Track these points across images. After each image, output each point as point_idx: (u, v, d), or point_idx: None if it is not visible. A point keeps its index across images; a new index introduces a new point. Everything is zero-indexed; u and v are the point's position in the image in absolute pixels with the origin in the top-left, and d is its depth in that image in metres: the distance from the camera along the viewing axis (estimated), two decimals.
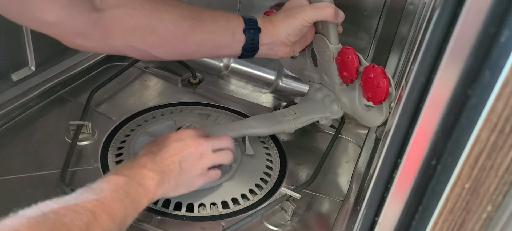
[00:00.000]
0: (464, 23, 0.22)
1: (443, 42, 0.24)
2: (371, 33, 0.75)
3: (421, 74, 0.26)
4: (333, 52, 0.64)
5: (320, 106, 0.72)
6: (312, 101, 0.73)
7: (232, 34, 0.57)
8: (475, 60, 0.22)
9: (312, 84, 0.74)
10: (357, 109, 0.65)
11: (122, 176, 0.47)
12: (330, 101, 0.71)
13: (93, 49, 0.53)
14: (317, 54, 0.68)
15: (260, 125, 0.68)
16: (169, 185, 0.52)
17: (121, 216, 0.44)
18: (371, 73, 0.58)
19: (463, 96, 0.23)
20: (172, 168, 0.52)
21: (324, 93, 0.72)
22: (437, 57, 0.24)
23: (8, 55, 0.66)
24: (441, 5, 0.23)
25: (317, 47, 0.67)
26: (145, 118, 0.73)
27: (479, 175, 0.23)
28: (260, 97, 0.83)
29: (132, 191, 0.47)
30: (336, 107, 0.70)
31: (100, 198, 0.43)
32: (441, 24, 0.24)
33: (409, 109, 0.27)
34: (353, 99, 0.65)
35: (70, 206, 0.40)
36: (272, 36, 0.59)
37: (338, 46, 0.64)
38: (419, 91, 0.26)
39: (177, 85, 0.84)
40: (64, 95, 0.75)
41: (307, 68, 0.73)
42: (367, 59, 0.77)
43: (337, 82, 0.67)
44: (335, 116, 0.70)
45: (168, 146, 0.53)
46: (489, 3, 0.20)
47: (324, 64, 0.68)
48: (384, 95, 0.57)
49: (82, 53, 0.80)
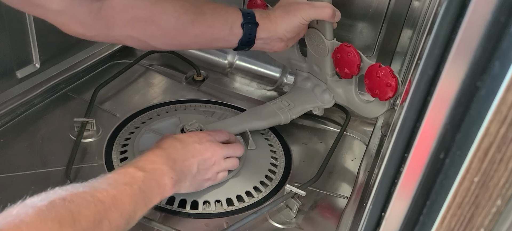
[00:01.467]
0: (473, 14, 0.21)
1: (451, 34, 0.24)
2: (376, 31, 0.74)
3: (429, 67, 0.25)
4: (329, 47, 0.67)
5: (312, 96, 0.75)
6: (302, 90, 0.76)
7: (230, 28, 0.58)
8: (484, 51, 0.21)
9: (300, 73, 0.77)
10: (354, 101, 0.70)
11: (141, 171, 0.47)
12: (321, 91, 0.74)
13: (94, 38, 0.52)
14: (309, 47, 0.71)
15: (258, 118, 0.69)
16: (183, 185, 0.52)
17: (130, 211, 0.43)
18: (379, 73, 0.61)
19: (472, 88, 0.22)
20: (190, 169, 0.52)
21: (314, 82, 0.75)
22: (445, 49, 0.24)
23: (13, 52, 0.66)
24: None
25: (309, 40, 0.70)
26: (150, 115, 0.73)
27: (488, 168, 0.22)
28: (265, 95, 0.83)
29: (147, 188, 0.46)
30: (328, 97, 0.73)
31: (112, 189, 0.42)
32: (449, 15, 0.23)
33: (416, 102, 0.26)
34: (349, 91, 0.69)
35: (79, 193, 0.39)
36: (269, 31, 0.60)
37: (333, 41, 0.67)
38: (426, 84, 0.25)
39: (181, 82, 0.84)
40: (68, 92, 0.75)
41: (294, 58, 0.76)
42: (373, 56, 0.77)
43: (329, 74, 0.71)
44: (327, 105, 0.74)
45: (190, 145, 0.53)
46: None
47: (315, 57, 0.71)
48: (393, 94, 0.60)
49: (86, 51, 0.80)
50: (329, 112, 0.79)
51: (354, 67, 0.64)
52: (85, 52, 0.80)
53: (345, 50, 0.64)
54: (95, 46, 0.82)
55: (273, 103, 0.73)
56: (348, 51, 0.64)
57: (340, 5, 0.74)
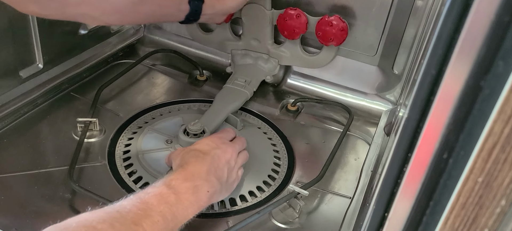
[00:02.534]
0: (477, 13, 0.21)
1: (455, 33, 0.24)
2: (379, 29, 0.74)
3: (432, 66, 0.25)
4: (271, 17, 0.77)
5: (257, 68, 0.82)
6: (247, 66, 0.83)
7: (178, 4, 0.61)
8: (488, 50, 0.21)
9: (236, 53, 0.84)
10: (302, 57, 0.80)
11: (173, 194, 0.45)
12: (264, 61, 0.82)
13: (48, 16, 0.52)
14: (246, 23, 0.79)
15: (231, 101, 0.74)
16: (219, 194, 0.52)
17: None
18: (331, 22, 0.73)
19: (475, 88, 0.22)
20: (223, 176, 0.52)
21: (253, 56, 0.83)
22: (448, 49, 0.24)
23: (16, 52, 0.66)
24: None
25: (247, 16, 0.78)
26: (152, 115, 0.73)
27: (492, 169, 0.22)
28: (267, 94, 0.82)
29: (181, 209, 0.45)
30: (273, 64, 0.82)
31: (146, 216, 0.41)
32: (452, 14, 0.23)
33: (419, 102, 0.26)
34: (295, 50, 0.80)
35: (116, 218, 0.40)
36: (214, 8, 0.65)
37: (272, 11, 0.77)
38: (429, 84, 0.25)
39: (184, 82, 0.84)
40: (71, 92, 0.76)
41: (229, 38, 0.84)
42: (376, 55, 0.77)
43: (270, 43, 0.80)
44: (275, 72, 0.83)
45: (212, 152, 0.53)
46: None
47: (253, 31, 0.80)
48: (345, 35, 0.73)
49: (89, 51, 0.80)
50: (332, 112, 0.79)
51: (304, 26, 0.74)
52: (88, 52, 0.80)
53: (292, 14, 0.74)
54: (98, 46, 0.82)
55: (232, 84, 0.78)
56: (297, 13, 0.74)
57: (343, 4, 0.74)
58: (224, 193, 0.54)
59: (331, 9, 0.76)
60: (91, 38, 0.80)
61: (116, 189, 0.58)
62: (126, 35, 0.88)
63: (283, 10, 0.75)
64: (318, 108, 0.80)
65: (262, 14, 0.77)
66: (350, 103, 0.79)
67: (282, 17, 0.76)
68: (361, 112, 0.78)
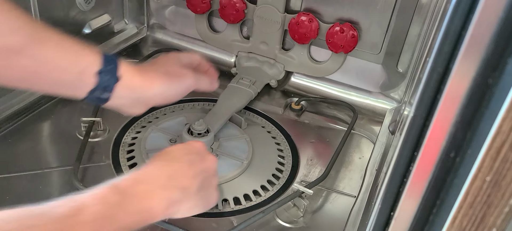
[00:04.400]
0: (484, 10, 0.21)
1: (462, 30, 0.23)
2: (383, 28, 0.74)
3: (439, 64, 0.25)
4: (283, 21, 0.77)
5: (262, 71, 0.82)
6: (252, 68, 0.83)
7: (79, 70, 0.43)
8: (496, 48, 0.21)
9: (241, 55, 0.84)
10: (309, 65, 0.80)
11: (118, 194, 0.38)
12: (269, 66, 0.82)
13: None
14: (257, 24, 0.79)
15: (236, 101, 0.74)
16: (185, 205, 0.44)
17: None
18: (340, 30, 0.73)
19: (483, 85, 0.22)
20: (191, 186, 0.44)
21: (259, 60, 0.83)
22: (455, 46, 0.23)
23: None
24: None
25: (259, 17, 0.78)
26: (156, 114, 0.73)
27: (501, 167, 0.22)
28: (271, 93, 0.82)
29: (122, 214, 0.38)
30: (278, 69, 0.82)
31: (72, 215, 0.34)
32: (459, 11, 0.23)
33: (425, 100, 0.26)
34: (303, 56, 0.80)
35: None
36: (134, 90, 0.48)
37: (285, 14, 0.77)
38: (436, 81, 0.25)
39: None
40: None
41: (237, 40, 0.84)
42: (380, 54, 0.76)
43: (278, 48, 0.80)
44: (280, 77, 0.82)
45: (183, 158, 0.45)
46: None
47: (263, 34, 0.80)
48: (355, 44, 0.74)
49: None
50: (336, 110, 0.79)
51: (315, 32, 0.75)
52: None
53: (305, 19, 0.75)
54: (102, 46, 0.82)
55: (236, 83, 0.78)
56: (309, 18, 0.75)
57: (347, 4, 0.74)
58: (194, 206, 0.45)
59: (336, 8, 0.75)
60: (95, 38, 0.80)
61: None
62: (129, 34, 0.88)
63: (296, 15, 0.76)
64: (322, 107, 0.79)
65: (275, 16, 0.77)
66: (354, 101, 0.79)
67: (294, 21, 0.76)
68: (365, 110, 0.78)
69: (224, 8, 0.81)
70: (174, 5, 0.88)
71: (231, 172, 0.61)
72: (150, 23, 0.91)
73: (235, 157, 0.64)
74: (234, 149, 0.66)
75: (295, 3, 0.78)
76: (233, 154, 0.65)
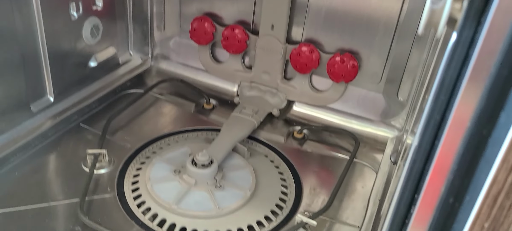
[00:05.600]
0: (477, 64, 0.22)
1: (456, 81, 0.24)
2: (383, 57, 0.75)
3: (436, 112, 0.26)
4: (284, 51, 0.79)
5: (265, 101, 0.84)
6: (254, 98, 0.85)
7: None
8: (489, 100, 0.22)
9: (243, 85, 0.86)
10: (310, 94, 0.82)
11: None
12: (271, 95, 0.84)
13: None
14: (259, 54, 0.81)
15: (238, 130, 0.75)
16: None
17: None
18: (341, 60, 0.75)
19: (478, 136, 0.23)
20: None
21: (261, 89, 0.84)
22: (450, 96, 0.24)
23: (28, 86, 0.67)
24: (450, 55, 0.23)
25: (261, 48, 0.80)
26: (160, 145, 0.74)
27: (498, 214, 0.23)
28: (273, 122, 0.83)
29: None
30: (280, 98, 0.83)
31: None
32: (453, 62, 0.24)
33: (424, 146, 0.27)
34: (304, 86, 0.81)
35: None
36: None
37: (287, 45, 0.79)
38: (433, 128, 0.26)
39: (191, 111, 0.85)
40: (81, 123, 0.77)
41: (240, 70, 0.85)
42: (381, 83, 0.77)
43: (279, 78, 0.82)
44: (282, 106, 0.83)
45: None
46: (501, 47, 0.21)
47: (265, 64, 0.82)
48: (355, 73, 0.75)
49: (98, 82, 0.82)
50: (338, 139, 0.80)
51: (316, 62, 0.77)
52: (97, 83, 0.81)
53: (306, 49, 0.77)
54: (107, 77, 0.84)
55: (239, 112, 0.80)
56: (310, 49, 0.77)
57: (347, 34, 0.75)
58: None
59: (336, 38, 0.77)
60: (101, 70, 0.81)
61: (126, 220, 0.59)
62: (134, 65, 0.90)
63: (297, 45, 0.78)
64: (325, 136, 0.80)
65: (276, 47, 0.79)
66: (356, 130, 0.80)
67: (295, 51, 0.78)
68: (367, 139, 0.79)
69: (227, 40, 0.83)
70: (178, 36, 0.90)
71: (235, 203, 0.62)
72: (154, 53, 0.93)
73: (239, 188, 0.65)
74: (237, 180, 0.66)
75: (296, 34, 0.80)
76: (237, 184, 0.65)
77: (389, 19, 0.72)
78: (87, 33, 0.75)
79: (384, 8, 0.72)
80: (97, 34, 0.77)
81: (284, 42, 0.79)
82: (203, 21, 0.84)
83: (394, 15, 0.72)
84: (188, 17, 0.86)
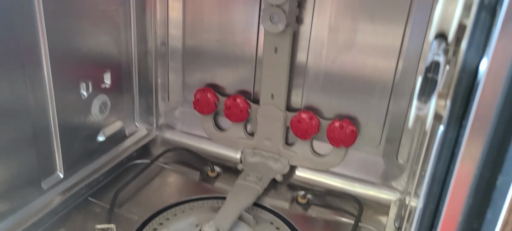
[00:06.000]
0: (460, 171, 0.24)
1: (446, 175, 0.27)
2: (381, 122, 0.78)
3: (430, 202, 0.28)
4: (285, 119, 0.82)
5: (268, 167, 0.86)
6: (257, 164, 0.87)
7: None
8: (475, 200, 0.24)
9: (246, 151, 0.88)
10: (311, 159, 0.84)
11: None
12: (274, 161, 0.86)
13: None
14: (261, 123, 0.85)
15: (244, 198, 0.76)
16: None
17: None
18: (340, 126, 0.78)
19: (470, 230, 0.25)
20: None
21: (264, 155, 0.87)
22: (442, 189, 0.27)
23: (39, 163, 0.70)
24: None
25: (263, 117, 0.84)
26: (167, 215, 0.75)
27: None
28: (277, 188, 0.85)
29: None
30: (283, 164, 0.86)
31: None
32: (441, 161, 0.26)
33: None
34: (306, 151, 0.84)
35: None
36: None
37: (287, 113, 0.82)
38: (429, 219, 0.28)
39: (196, 179, 0.87)
40: (89, 197, 0.78)
41: (242, 137, 0.88)
42: (380, 146, 0.80)
43: (281, 144, 0.85)
44: (285, 171, 0.86)
45: None
46: (482, 150, 0.23)
47: (267, 131, 0.85)
48: (355, 138, 0.78)
49: (106, 155, 0.84)
50: (342, 203, 0.81)
51: (316, 128, 0.80)
52: (104, 156, 0.84)
53: (306, 116, 0.80)
54: (114, 150, 0.86)
55: (243, 180, 0.81)
56: (310, 116, 0.80)
57: (345, 100, 0.79)
58: None
59: (334, 104, 0.80)
60: (108, 143, 0.84)
61: None
62: (140, 136, 0.92)
63: (297, 113, 0.81)
64: (328, 200, 0.82)
65: (277, 115, 0.83)
66: (359, 193, 0.81)
67: (295, 119, 0.81)
68: (370, 202, 0.80)
69: (229, 109, 0.86)
70: (181, 106, 0.94)
71: None
72: (159, 123, 0.96)
73: None
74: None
75: (296, 101, 0.83)
76: None
77: (385, 80, 0.75)
78: (96, 110, 0.78)
79: (379, 69, 0.76)
80: (105, 110, 0.81)
81: (284, 110, 0.82)
82: (206, 92, 0.87)
83: (389, 76, 0.75)
84: (191, 88, 0.90)
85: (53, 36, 0.65)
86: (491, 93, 0.22)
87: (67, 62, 0.71)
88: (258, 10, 0.79)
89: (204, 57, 0.88)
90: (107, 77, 0.79)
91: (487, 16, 0.23)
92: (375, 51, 0.74)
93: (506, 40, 0.21)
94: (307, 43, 0.78)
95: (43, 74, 0.66)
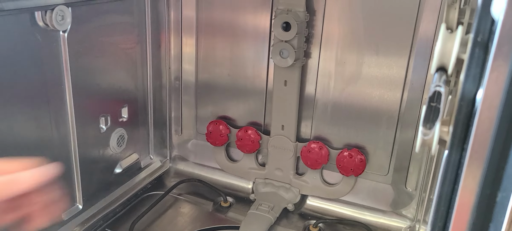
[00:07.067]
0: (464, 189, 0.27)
1: (452, 194, 0.29)
2: (388, 150, 0.80)
3: (438, 220, 0.30)
4: (295, 149, 0.84)
5: (280, 196, 0.88)
6: (269, 194, 0.89)
7: None
8: (477, 219, 0.26)
9: (257, 181, 0.90)
10: (322, 188, 0.86)
11: None
12: (285, 190, 0.88)
13: None
14: (272, 153, 0.87)
15: (257, 229, 0.79)
16: None
17: None
18: (349, 155, 0.81)
19: None
20: None
21: (275, 185, 0.89)
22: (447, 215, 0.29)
23: (60, 195, 0.72)
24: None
25: (273, 147, 0.86)
26: None
27: None
28: (289, 217, 0.86)
29: None
30: (294, 193, 0.88)
31: None
32: (446, 183, 0.29)
33: None
34: (316, 180, 0.86)
35: None
36: None
37: (297, 143, 0.85)
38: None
39: (209, 210, 0.89)
40: (106, 228, 0.80)
41: (254, 167, 0.91)
42: (388, 174, 0.82)
43: (291, 174, 0.87)
44: (296, 200, 0.87)
45: None
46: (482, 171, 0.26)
47: (278, 161, 0.87)
48: (364, 167, 0.80)
49: (122, 187, 0.87)
50: (350, 230, 0.82)
51: (325, 158, 0.82)
52: (121, 188, 0.86)
53: (315, 146, 0.83)
54: (130, 181, 0.89)
55: (256, 209, 0.83)
56: (319, 146, 0.83)
57: (353, 130, 0.81)
58: None
59: (343, 134, 0.83)
60: (124, 175, 0.87)
61: None
62: (154, 168, 0.95)
63: (307, 143, 0.84)
64: (340, 228, 0.83)
65: (287, 146, 0.85)
66: (369, 221, 0.83)
67: (305, 149, 0.84)
68: (380, 230, 0.82)
69: (241, 140, 0.89)
70: (194, 139, 0.97)
71: None
72: (172, 155, 0.99)
73: None
74: None
75: (305, 132, 0.86)
76: None
77: (391, 110, 0.78)
78: (114, 143, 0.82)
79: (385, 100, 0.78)
80: (122, 143, 0.84)
81: (295, 140, 0.85)
82: (218, 124, 0.91)
83: (395, 106, 0.78)
84: (203, 120, 0.94)
85: (76, 74, 0.69)
86: (487, 119, 0.25)
87: (88, 98, 0.75)
88: (268, 45, 0.84)
89: (216, 90, 0.92)
90: (124, 112, 0.83)
91: (481, 52, 0.26)
92: (381, 83, 0.77)
93: (498, 73, 0.24)
94: (315, 76, 0.82)
95: (66, 110, 0.70)
